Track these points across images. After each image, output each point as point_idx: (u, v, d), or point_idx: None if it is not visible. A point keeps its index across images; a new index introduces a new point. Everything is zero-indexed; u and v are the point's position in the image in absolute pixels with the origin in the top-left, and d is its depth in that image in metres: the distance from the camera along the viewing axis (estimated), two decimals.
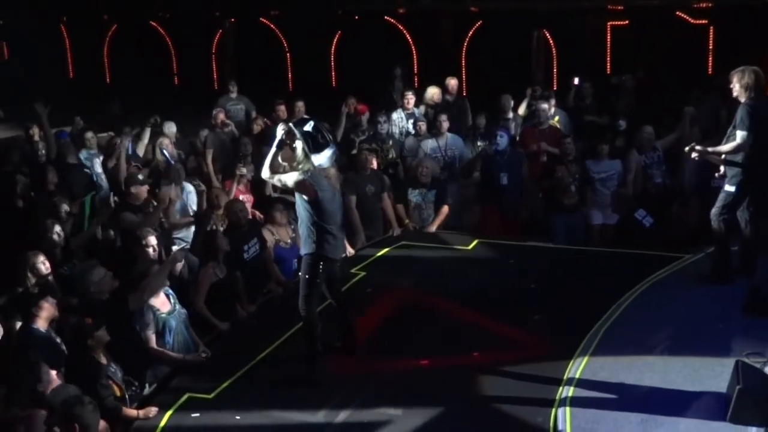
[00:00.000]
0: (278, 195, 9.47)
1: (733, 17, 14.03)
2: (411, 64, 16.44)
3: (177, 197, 9.17)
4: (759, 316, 6.81)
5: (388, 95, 13.09)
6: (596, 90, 12.54)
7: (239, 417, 6.07)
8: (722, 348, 6.41)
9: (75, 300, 6.85)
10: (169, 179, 9.37)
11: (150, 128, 11.27)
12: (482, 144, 10.76)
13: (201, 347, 6.95)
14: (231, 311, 7.58)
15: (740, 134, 7.03)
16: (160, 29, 19.85)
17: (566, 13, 15.30)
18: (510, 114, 11.81)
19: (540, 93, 12.16)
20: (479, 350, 6.86)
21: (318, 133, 6.44)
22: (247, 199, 9.51)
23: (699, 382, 5.98)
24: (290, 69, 18.46)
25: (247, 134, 11.47)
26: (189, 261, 7.96)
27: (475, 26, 16.28)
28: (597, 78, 13.24)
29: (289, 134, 6.47)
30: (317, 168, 6.45)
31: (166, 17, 19.79)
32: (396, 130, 11.51)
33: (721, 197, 7.35)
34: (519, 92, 12.28)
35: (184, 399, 6.27)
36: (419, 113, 11.63)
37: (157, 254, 7.54)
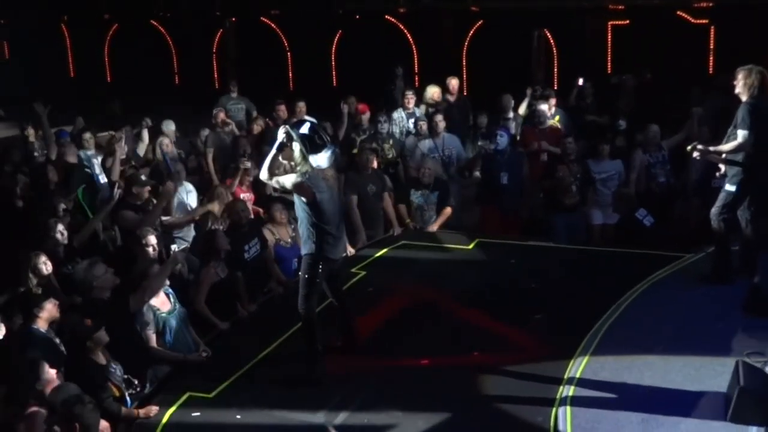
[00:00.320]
0: (278, 195, 9.47)
1: (734, 17, 14.00)
2: (412, 64, 16.40)
3: (175, 189, 9.16)
4: (759, 316, 6.82)
5: (389, 95, 13.07)
6: (596, 90, 12.54)
7: (239, 416, 6.07)
8: (723, 348, 6.40)
9: (78, 298, 6.85)
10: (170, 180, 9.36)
11: (144, 130, 11.27)
12: (482, 143, 10.75)
13: (201, 346, 6.96)
14: (232, 311, 7.58)
15: (741, 133, 7.02)
16: (161, 29, 19.82)
17: (567, 13, 15.27)
18: (510, 113, 11.82)
19: (540, 93, 12.15)
20: (479, 350, 6.86)
21: (315, 134, 6.36)
22: (249, 197, 9.51)
23: (699, 382, 5.98)
24: (291, 68, 18.42)
25: (247, 134, 11.47)
26: (189, 261, 7.97)
27: (476, 26, 16.25)
28: (597, 78, 13.22)
29: (289, 137, 6.40)
30: (316, 169, 6.39)
31: (167, 17, 19.76)
32: (397, 130, 11.51)
33: (722, 196, 7.35)
34: (519, 92, 12.27)
35: (185, 398, 6.28)
36: (420, 113, 11.62)
37: (157, 253, 7.55)
